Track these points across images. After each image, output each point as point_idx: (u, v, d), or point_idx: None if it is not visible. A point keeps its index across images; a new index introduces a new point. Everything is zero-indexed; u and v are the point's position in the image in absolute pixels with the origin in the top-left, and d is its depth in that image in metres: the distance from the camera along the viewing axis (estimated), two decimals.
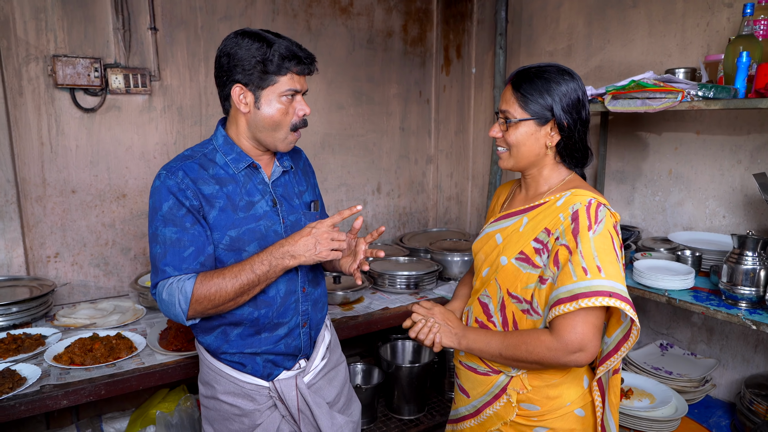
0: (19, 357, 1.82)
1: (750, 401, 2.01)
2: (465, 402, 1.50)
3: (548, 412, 1.35)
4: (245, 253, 1.39)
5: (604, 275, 1.20)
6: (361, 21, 3.13)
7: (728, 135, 2.28)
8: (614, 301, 1.18)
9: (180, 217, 1.34)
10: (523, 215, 1.37)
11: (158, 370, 1.82)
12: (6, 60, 2.25)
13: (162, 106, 2.62)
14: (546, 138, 1.33)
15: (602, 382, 1.37)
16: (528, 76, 1.31)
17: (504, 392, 1.39)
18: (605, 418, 1.37)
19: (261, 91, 1.35)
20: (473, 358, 1.44)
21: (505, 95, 1.35)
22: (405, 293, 2.62)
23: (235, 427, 1.47)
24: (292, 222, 1.49)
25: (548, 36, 3.01)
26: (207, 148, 1.45)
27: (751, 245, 1.77)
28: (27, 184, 2.37)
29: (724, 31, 2.24)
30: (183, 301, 1.32)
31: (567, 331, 1.22)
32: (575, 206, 1.27)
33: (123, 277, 2.65)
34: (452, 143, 3.62)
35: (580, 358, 1.23)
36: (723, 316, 1.78)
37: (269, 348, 1.45)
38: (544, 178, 1.38)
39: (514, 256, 1.34)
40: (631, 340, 1.29)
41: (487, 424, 1.44)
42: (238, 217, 1.39)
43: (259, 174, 1.46)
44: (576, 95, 1.31)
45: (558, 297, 1.23)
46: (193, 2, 2.63)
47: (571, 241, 1.24)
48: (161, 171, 1.38)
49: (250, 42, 1.32)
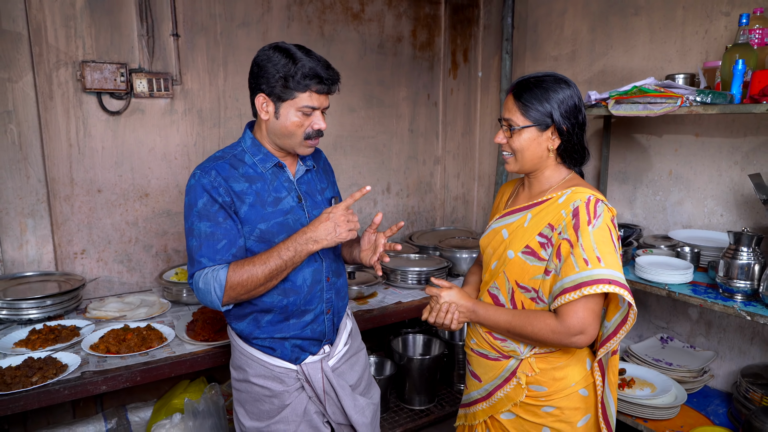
0: (58, 346, 1.93)
1: (746, 390, 2.12)
2: (477, 386, 1.61)
3: (555, 393, 1.46)
4: (274, 244, 1.50)
5: (604, 265, 1.30)
6: (372, 27, 3.24)
7: (725, 137, 2.39)
8: (614, 288, 1.29)
9: (213, 212, 1.46)
10: (527, 211, 1.48)
11: (189, 359, 1.93)
12: (38, 66, 2.36)
13: (183, 109, 2.73)
14: (547, 142, 1.43)
15: (602, 363, 1.48)
16: (528, 86, 1.41)
17: (514, 375, 1.50)
18: (605, 395, 1.48)
19: (281, 103, 1.46)
20: (484, 345, 1.56)
21: (508, 104, 1.45)
22: (416, 288, 2.73)
23: (265, 407, 1.58)
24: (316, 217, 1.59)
25: (553, 41, 3.12)
26: (236, 149, 1.56)
27: (746, 241, 1.89)
28: (56, 183, 2.48)
29: (722, 39, 2.35)
30: (218, 288, 1.44)
31: (570, 316, 1.33)
32: (576, 203, 1.37)
33: (145, 273, 2.76)
34: (459, 145, 3.73)
35: (581, 340, 1.35)
36: (720, 307, 1.90)
37: (297, 333, 1.57)
38: (546, 177, 1.49)
39: (520, 249, 1.45)
40: (629, 324, 1.38)
41: (498, 406, 1.54)
42: (266, 212, 1.51)
43: (284, 172, 1.58)
44: (573, 101, 1.41)
45: (563, 287, 1.34)
46: (213, 9, 2.74)
47: (573, 236, 1.34)
48: (196, 170, 1.49)
49: (279, 57, 1.44)
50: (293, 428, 1.58)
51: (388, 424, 2.71)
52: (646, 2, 2.62)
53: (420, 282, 2.74)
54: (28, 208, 2.41)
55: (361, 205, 3.39)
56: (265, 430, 1.59)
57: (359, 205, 3.38)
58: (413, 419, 2.76)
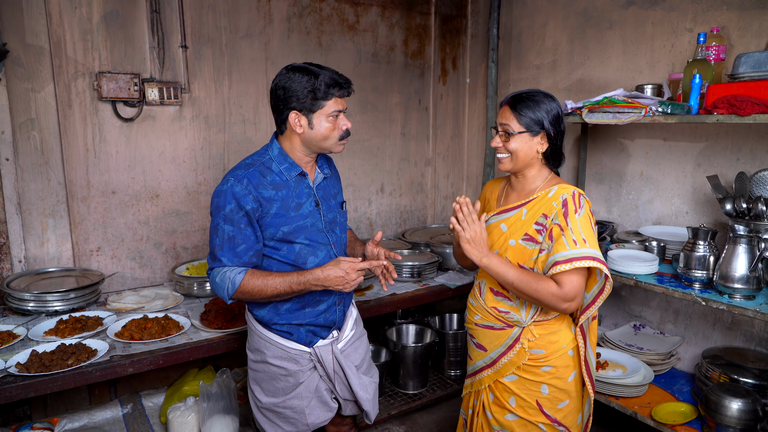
0: (85, 334, 2.13)
1: (706, 370, 2.37)
2: (482, 356, 1.87)
3: (551, 354, 1.75)
4: (295, 244, 1.73)
5: (588, 245, 1.62)
6: (367, 37, 3.45)
7: (690, 142, 2.63)
8: (596, 263, 1.61)
9: (237, 219, 1.66)
10: (522, 208, 1.76)
11: (205, 344, 2.14)
12: (58, 76, 2.55)
13: (191, 116, 2.92)
14: (538, 145, 1.72)
15: (584, 328, 1.78)
16: (522, 99, 1.70)
17: (517, 341, 1.77)
18: (587, 354, 1.79)
19: (312, 114, 1.67)
20: (490, 318, 1.82)
21: (505, 113, 1.73)
22: (409, 281, 2.95)
23: (281, 385, 1.80)
24: (330, 219, 1.82)
25: (535, 51, 3.35)
26: (264, 157, 1.75)
27: (702, 236, 2.13)
28: (74, 186, 2.67)
29: (686, 53, 2.59)
30: (231, 288, 1.67)
31: (566, 284, 1.61)
32: (564, 195, 1.68)
33: (156, 269, 2.95)
34: (449, 147, 3.95)
35: (571, 306, 1.64)
36: (680, 294, 2.14)
37: (311, 320, 1.79)
38: (533, 177, 1.77)
39: (520, 237, 1.73)
40: (605, 294, 1.70)
41: (503, 370, 1.81)
42: (290, 216, 1.72)
43: (306, 180, 1.78)
44: (557, 112, 1.72)
45: (555, 260, 1.63)
46: (219, 22, 2.93)
47: (563, 221, 1.65)
48: (229, 177, 1.68)
49: (300, 75, 1.64)
50: (306, 403, 1.80)
51: (384, 407, 2.93)
52: (619, 17, 2.86)
53: (413, 275, 2.96)
54: (49, 209, 2.59)
55: (356, 205, 3.60)
56: (281, 404, 1.80)
57: (354, 205, 3.59)
58: (407, 402, 2.98)
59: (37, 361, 1.89)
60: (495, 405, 1.83)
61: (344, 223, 1.93)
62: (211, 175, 3.03)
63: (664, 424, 2.23)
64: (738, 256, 2.01)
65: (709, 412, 2.12)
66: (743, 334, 2.53)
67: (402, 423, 2.96)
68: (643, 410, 2.33)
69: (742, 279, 1.99)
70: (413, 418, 3.01)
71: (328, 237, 1.82)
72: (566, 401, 1.78)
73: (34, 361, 1.89)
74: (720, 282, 2.04)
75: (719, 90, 2.05)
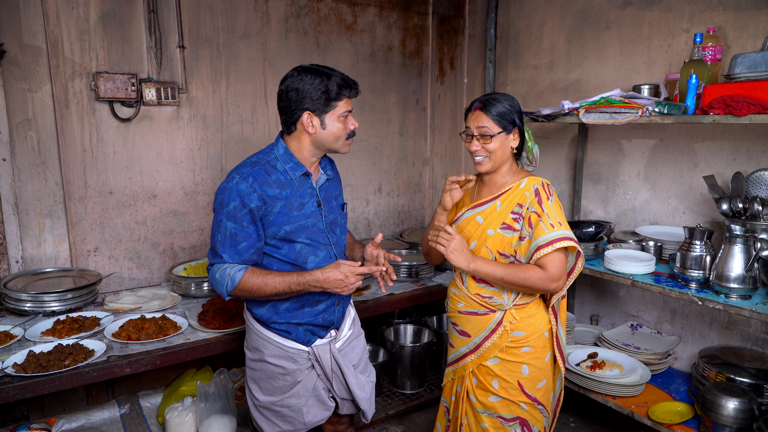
0: (82, 334, 2.13)
1: (703, 369, 2.37)
2: (465, 342, 1.93)
3: (530, 335, 1.87)
4: (296, 243, 1.74)
5: (563, 227, 1.77)
6: (364, 37, 3.46)
7: (687, 142, 2.64)
8: (572, 243, 1.76)
9: (240, 217, 1.67)
10: (496, 200, 1.87)
11: (203, 344, 2.14)
12: (55, 77, 2.54)
13: (188, 116, 2.92)
14: (512, 142, 1.85)
15: (554, 308, 1.91)
16: (492, 103, 1.81)
17: (500, 325, 1.86)
18: (558, 332, 1.93)
19: (324, 115, 1.69)
20: (474, 305, 1.89)
21: (480, 118, 1.81)
22: (407, 281, 2.95)
23: (279, 384, 1.80)
24: (331, 220, 1.83)
25: (533, 51, 3.36)
26: (269, 156, 1.76)
27: (699, 236, 2.13)
28: (71, 186, 2.66)
29: (683, 53, 2.60)
30: (230, 284, 1.68)
31: (551, 265, 1.74)
32: (535, 185, 1.82)
33: (153, 269, 2.95)
34: (446, 147, 3.96)
35: (558, 285, 1.77)
36: (676, 294, 2.14)
37: (310, 320, 1.79)
38: (504, 173, 1.89)
39: (498, 227, 1.84)
40: (576, 271, 1.88)
41: (486, 354, 1.88)
42: (292, 215, 1.73)
43: (309, 180, 1.79)
44: (518, 107, 1.86)
45: (538, 245, 1.75)
46: (216, 23, 2.93)
47: (539, 209, 1.78)
48: (234, 175, 1.69)
49: (312, 77, 1.65)
50: (303, 402, 1.80)
51: (382, 407, 2.93)
52: (616, 17, 2.87)
53: (410, 275, 2.96)
54: (46, 209, 2.59)
55: (354, 205, 3.61)
56: (279, 403, 1.81)
57: (352, 205, 3.59)
58: (405, 402, 2.99)
59: (34, 361, 1.88)
60: (479, 389, 1.91)
61: (344, 224, 1.95)
62: (209, 176, 3.03)
63: (661, 424, 2.24)
64: (734, 256, 2.01)
65: (705, 412, 2.13)
66: (739, 334, 2.54)
67: (400, 423, 2.97)
68: (640, 410, 2.33)
69: (738, 279, 2.00)
70: (411, 417, 3.01)
71: (329, 237, 1.83)
72: (544, 381, 1.91)
73: (31, 361, 1.89)
74: (716, 282, 2.05)
75: (716, 90, 2.05)
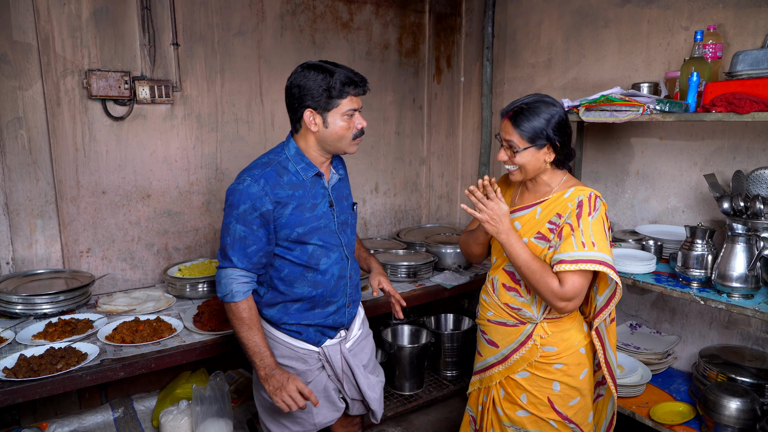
0: (75, 337, 2.08)
1: (704, 369, 2.35)
2: (493, 352, 1.87)
3: (563, 351, 1.77)
4: (308, 245, 1.70)
5: (597, 249, 1.62)
6: (361, 35, 3.42)
7: (686, 141, 2.62)
8: (602, 267, 1.61)
9: (250, 220, 1.63)
10: (537, 206, 1.77)
11: (198, 347, 2.10)
12: (46, 74, 2.49)
13: (182, 115, 2.88)
14: (545, 156, 1.71)
15: (599, 331, 1.79)
16: (522, 112, 1.67)
17: (530, 338, 1.78)
18: (608, 356, 1.80)
19: (327, 113, 1.64)
20: (504, 315, 1.83)
21: (507, 128, 1.70)
22: (405, 281, 2.92)
23: None
24: (342, 221, 1.81)
25: (530, 50, 3.33)
26: (281, 156, 1.72)
27: (700, 235, 2.11)
28: (63, 186, 2.62)
29: (682, 51, 2.58)
30: (228, 298, 1.68)
31: (568, 283, 1.63)
32: (580, 197, 1.68)
33: (147, 270, 2.90)
34: (443, 146, 3.93)
35: (567, 306, 1.65)
36: (678, 294, 2.12)
37: (321, 321, 1.77)
38: (546, 180, 1.78)
39: (533, 236, 1.74)
40: (617, 298, 1.72)
41: (514, 367, 1.82)
42: (305, 217, 1.69)
43: (321, 180, 1.76)
44: (560, 117, 1.68)
45: (560, 258, 1.63)
46: (211, 20, 2.89)
47: (574, 222, 1.65)
48: (245, 177, 1.64)
49: (316, 74, 1.61)
50: None
51: None
52: (614, 15, 2.85)
53: (408, 276, 2.93)
54: (37, 210, 2.54)
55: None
56: None
57: None
58: (403, 403, 2.95)
59: (25, 365, 1.84)
60: (506, 401, 1.85)
61: (354, 224, 1.92)
62: (204, 175, 2.99)
63: (663, 424, 2.22)
64: (736, 255, 1.99)
65: (707, 412, 2.11)
66: (740, 333, 2.53)
67: (398, 424, 2.93)
68: (641, 410, 2.31)
69: (740, 278, 1.98)
70: (409, 419, 2.98)
71: (341, 238, 1.80)
72: (577, 398, 1.80)
73: (22, 365, 1.84)
74: (718, 281, 2.03)
75: (717, 88, 2.03)
